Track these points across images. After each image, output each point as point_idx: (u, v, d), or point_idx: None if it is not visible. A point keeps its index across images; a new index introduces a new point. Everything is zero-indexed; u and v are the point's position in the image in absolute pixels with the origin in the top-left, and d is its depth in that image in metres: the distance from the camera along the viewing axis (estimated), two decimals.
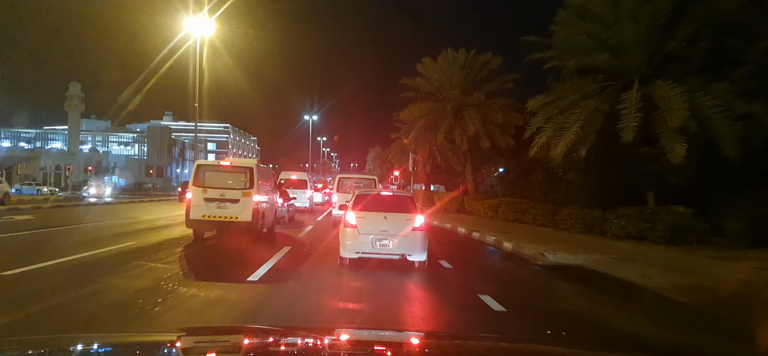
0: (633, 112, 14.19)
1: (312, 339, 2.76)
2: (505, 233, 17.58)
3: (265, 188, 14.88)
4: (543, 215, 21.20)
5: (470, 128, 28.94)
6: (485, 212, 27.44)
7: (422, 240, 9.42)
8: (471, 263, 12.52)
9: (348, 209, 9.89)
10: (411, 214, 9.55)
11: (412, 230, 9.32)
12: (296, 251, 12.42)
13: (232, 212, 13.19)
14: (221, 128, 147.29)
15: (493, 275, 10.94)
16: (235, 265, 10.39)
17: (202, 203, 13.16)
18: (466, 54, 30.63)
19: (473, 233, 18.52)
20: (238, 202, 13.25)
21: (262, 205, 13.91)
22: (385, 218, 9.43)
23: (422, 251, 9.41)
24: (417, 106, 30.68)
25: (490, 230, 19.04)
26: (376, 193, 10.98)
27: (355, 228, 9.43)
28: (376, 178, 22.30)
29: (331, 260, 10.97)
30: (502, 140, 29.43)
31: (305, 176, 30.68)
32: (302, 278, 9.22)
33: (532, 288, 9.56)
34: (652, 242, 14.33)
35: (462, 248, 15.78)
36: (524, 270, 11.55)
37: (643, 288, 8.85)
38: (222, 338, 2.81)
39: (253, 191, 13.34)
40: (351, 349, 2.65)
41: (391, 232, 9.26)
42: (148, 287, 7.65)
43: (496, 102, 29.68)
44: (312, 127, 76.59)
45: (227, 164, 13.70)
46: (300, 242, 14.69)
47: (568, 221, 19.01)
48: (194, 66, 28.01)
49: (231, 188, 13.34)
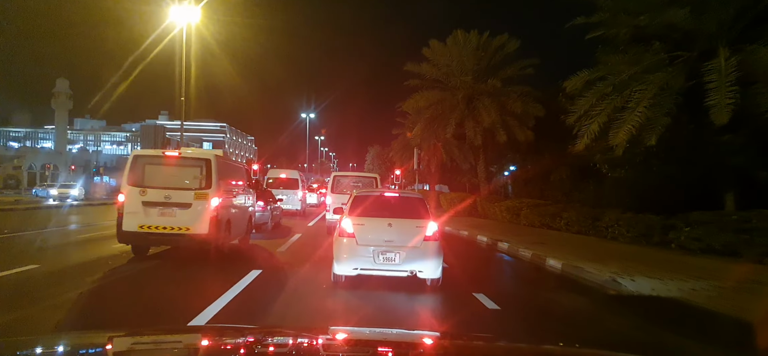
0: (725, 85, 10.52)
1: (310, 338, 2.69)
2: (542, 245, 13.92)
3: (232, 187, 11.24)
4: (579, 220, 17.55)
5: (485, 120, 25.27)
6: (503, 216, 23.78)
7: (436, 253, 7.73)
8: (520, 299, 8.72)
9: (344, 213, 8.13)
10: (422, 220, 7.86)
11: (424, 240, 7.67)
12: (269, 277, 8.79)
13: (181, 220, 9.56)
14: (217, 127, 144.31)
15: (565, 321, 7.22)
16: (166, 306, 6.83)
17: (139, 209, 9.52)
18: (478, 36, 26.94)
19: (500, 244, 14.87)
20: (189, 207, 9.62)
21: (225, 211, 10.28)
22: (390, 226, 7.74)
23: (436, 267, 7.74)
24: (423, 95, 26.97)
25: (520, 239, 15.39)
26: (379, 194, 8.97)
27: (353, 238, 7.70)
28: (377, 176, 18.66)
29: (317, 292, 7.59)
30: (521, 133, 25.78)
31: (296, 175, 27.03)
32: (271, 320, 6.06)
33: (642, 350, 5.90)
34: (750, 261, 10.66)
35: (494, 267, 12.14)
36: (606, 310, 7.92)
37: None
38: (219, 338, 2.71)
39: (211, 192, 9.70)
40: (351, 350, 2.56)
41: (398, 243, 7.60)
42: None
43: (513, 90, 26.03)
44: (309, 126, 73.59)
45: (175, 154, 10.02)
46: (278, 260, 11.05)
47: (615, 228, 15.36)
48: (181, 58, 25.23)
49: (180, 189, 9.70)
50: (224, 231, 10.23)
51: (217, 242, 9.87)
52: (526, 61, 26.48)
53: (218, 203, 9.80)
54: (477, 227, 20.12)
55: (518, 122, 25.90)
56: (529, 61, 26.46)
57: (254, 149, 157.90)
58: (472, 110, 26.49)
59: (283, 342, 2.64)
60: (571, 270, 10.39)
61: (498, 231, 18.21)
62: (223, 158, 10.77)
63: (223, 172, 10.49)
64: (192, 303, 6.44)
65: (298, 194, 26.12)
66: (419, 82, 28.05)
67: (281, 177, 26.80)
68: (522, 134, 25.82)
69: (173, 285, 8.27)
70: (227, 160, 11.33)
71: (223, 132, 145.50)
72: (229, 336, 2.80)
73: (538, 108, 25.33)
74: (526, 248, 13.29)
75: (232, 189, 11.18)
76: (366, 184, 17.73)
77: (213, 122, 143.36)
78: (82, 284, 7.74)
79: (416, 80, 28.13)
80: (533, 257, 12.40)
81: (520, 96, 25.63)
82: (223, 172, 10.41)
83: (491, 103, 25.50)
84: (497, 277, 10.35)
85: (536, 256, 12.29)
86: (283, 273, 9.57)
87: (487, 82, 25.89)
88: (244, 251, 11.98)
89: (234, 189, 11.39)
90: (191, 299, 6.90)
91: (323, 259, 10.67)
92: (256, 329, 3.30)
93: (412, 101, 27.15)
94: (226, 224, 10.34)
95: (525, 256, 12.84)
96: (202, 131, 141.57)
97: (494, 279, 9.89)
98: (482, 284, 9.24)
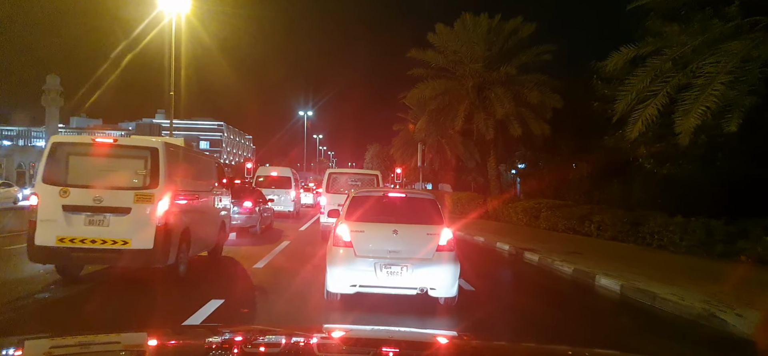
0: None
1: (305, 337, 2.65)
2: (579, 256, 11.43)
3: (193, 186, 8.71)
4: (614, 224, 15.04)
5: (498, 111, 22.76)
6: (519, 218, 21.26)
7: (451, 266, 6.47)
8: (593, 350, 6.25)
9: (340, 218, 6.91)
10: (433, 226, 6.65)
11: (437, 250, 6.46)
12: (231, 311, 6.28)
13: (116, 231, 7.05)
14: (215, 125, 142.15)
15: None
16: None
17: (58, 216, 7.00)
18: (489, 19, 24.38)
19: (527, 255, 12.36)
20: (128, 213, 7.10)
21: (180, 217, 7.76)
22: (396, 233, 6.52)
23: (452, 283, 6.51)
24: (429, 84, 24.41)
25: (548, 247, 12.88)
26: (381, 194, 7.63)
27: (350, 247, 6.49)
28: (378, 174, 16.14)
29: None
30: (537, 127, 23.28)
31: (289, 172, 24.46)
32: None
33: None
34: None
35: (531, 290, 9.59)
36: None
37: None
38: (215, 337, 2.67)
39: (158, 192, 7.18)
40: (350, 348, 2.52)
41: (405, 253, 6.41)
42: None
43: (528, 79, 23.51)
44: (308, 124, 71.58)
45: (108, 140, 7.46)
46: (251, 282, 8.53)
47: (663, 234, 12.86)
48: (170, 50, 23.50)
49: (116, 188, 7.18)
50: (179, 244, 7.71)
51: (166, 259, 7.35)
52: (542, 48, 23.95)
53: (169, 206, 7.27)
54: (493, 231, 17.60)
55: (534, 113, 23.43)
56: (545, 48, 23.94)
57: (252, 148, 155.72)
58: (483, 101, 23.98)
59: (280, 341, 2.59)
60: (637, 295, 7.88)
61: (519, 237, 15.70)
62: (179, 147, 8.24)
63: (179, 166, 7.97)
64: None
65: (290, 194, 23.58)
66: (424, 72, 25.52)
67: (272, 175, 24.24)
68: (538, 128, 23.33)
69: (84, 323, 5.76)
70: (188, 151, 8.85)
71: (221, 131, 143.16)
72: (226, 335, 2.72)
73: (556, 98, 22.82)
74: (562, 260, 10.79)
75: (193, 188, 8.65)
76: (366, 183, 15.24)
77: (210, 121, 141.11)
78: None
79: (420, 69, 25.60)
80: (576, 273, 9.89)
81: (536, 85, 23.12)
82: (177, 166, 7.88)
83: (504, 93, 23.00)
84: (541, 308, 7.81)
85: (580, 272, 9.79)
86: (252, 304, 7.08)
87: (500, 69, 23.38)
88: (210, 267, 9.45)
89: (197, 188, 8.86)
90: None
91: (312, 280, 8.21)
92: (253, 329, 3.26)
93: (417, 91, 24.60)
94: (182, 235, 7.82)
95: (564, 271, 10.32)
96: (199, 130, 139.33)
97: (538, 312, 7.36)
98: (525, 319, 6.75)
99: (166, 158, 7.34)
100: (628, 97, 10.82)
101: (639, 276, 8.86)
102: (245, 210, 15.25)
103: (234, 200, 15.91)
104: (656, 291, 7.60)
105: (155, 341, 2.50)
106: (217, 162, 10.51)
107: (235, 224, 14.89)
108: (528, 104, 23.11)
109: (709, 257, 11.30)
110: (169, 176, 7.42)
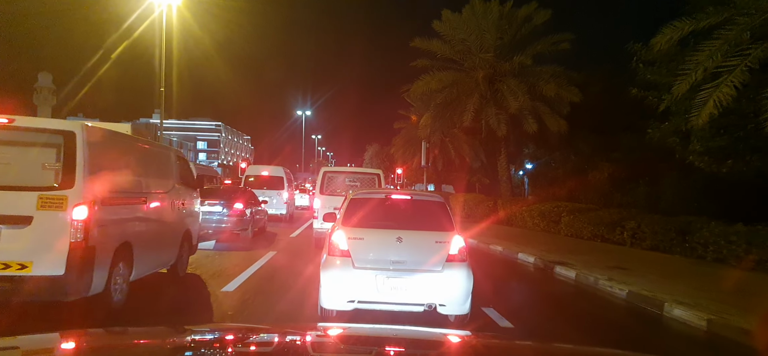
0: None
1: (301, 335, 2.58)
2: (624, 271, 9.34)
3: (137, 185, 6.57)
4: (654, 231, 12.94)
5: (511, 105, 20.65)
6: (535, 223, 19.16)
7: (464, 278, 5.66)
8: None
9: (337, 223, 6.10)
10: (443, 232, 5.87)
11: (447, 260, 5.70)
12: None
13: (8, 250, 4.95)
14: (213, 126, 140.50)
15: None
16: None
17: None
18: (500, 5, 22.24)
19: (559, 269, 10.26)
20: (27, 225, 5.00)
21: (112, 230, 5.65)
22: (400, 241, 5.73)
23: (464, 299, 5.69)
24: (435, 76, 22.26)
25: (585, 260, 10.78)
26: (384, 196, 6.62)
27: (348, 257, 5.70)
28: (380, 173, 14.00)
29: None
30: (553, 122, 21.18)
31: (281, 172, 22.32)
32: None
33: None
34: None
35: (586, 327, 7.45)
36: None
37: None
38: (210, 337, 2.60)
39: (72, 195, 5.08)
40: (347, 346, 2.46)
41: (410, 264, 5.65)
42: None
43: (544, 70, 21.40)
44: (306, 124, 70.26)
45: (2, 120, 5.36)
46: (212, 316, 6.41)
47: (721, 246, 10.75)
48: (161, 45, 22.09)
49: (9, 189, 5.08)
50: (110, 265, 5.60)
51: (87, 288, 5.23)
52: (559, 36, 21.83)
53: (90, 214, 5.16)
54: (509, 238, 15.49)
55: (550, 108, 21.33)
56: (562, 36, 21.83)
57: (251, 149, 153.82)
58: (494, 94, 21.86)
59: (277, 339, 2.51)
60: (737, 336, 5.78)
61: (542, 246, 13.59)
62: (113, 135, 6.12)
63: (111, 158, 5.85)
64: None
65: (283, 196, 21.46)
66: (428, 63, 23.37)
67: (262, 175, 22.11)
68: (554, 123, 21.23)
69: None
70: (130, 140, 6.75)
71: (219, 131, 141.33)
72: (223, 334, 2.65)
73: (574, 92, 20.72)
74: (608, 279, 8.69)
75: (138, 189, 6.53)
76: (366, 183, 13.19)
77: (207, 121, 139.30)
78: None
79: (424, 61, 23.45)
80: (633, 298, 7.78)
81: (552, 77, 21.01)
82: (108, 158, 5.76)
83: (518, 85, 20.89)
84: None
85: (638, 297, 7.68)
86: None
87: (513, 59, 21.27)
88: (161, 293, 7.31)
89: (144, 189, 6.73)
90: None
91: (294, 311, 6.17)
92: (252, 328, 3.05)
93: (422, 84, 22.42)
94: (117, 253, 5.72)
95: (615, 295, 8.21)
96: (196, 130, 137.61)
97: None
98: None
99: (86, 147, 5.22)
100: (691, 76, 8.71)
101: (722, 304, 6.77)
102: (235, 212, 13.64)
103: (223, 202, 14.01)
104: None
105: (147, 340, 2.46)
106: (178, 156, 8.35)
107: (225, 227, 13.48)
108: (543, 98, 21.03)
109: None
110: (94, 171, 5.31)
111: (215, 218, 13.80)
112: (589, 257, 11.58)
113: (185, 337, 2.49)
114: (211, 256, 10.65)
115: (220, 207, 13.90)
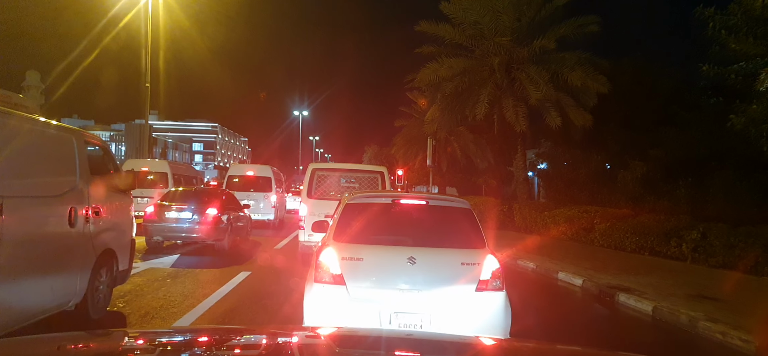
0: None
1: (297, 334, 2.53)
2: (715, 303, 6.80)
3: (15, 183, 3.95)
4: (729, 245, 10.34)
5: (532, 95, 18.03)
6: (560, 232, 16.50)
7: (501, 314, 4.35)
8: None
9: (328, 238, 4.82)
10: (471, 250, 4.56)
11: (477, 289, 4.34)
12: None
13: None
14: (209, 127, 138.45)
15: None
16: None
17: None
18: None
19: (624, 298, 7.66)
20: None
21: None
22: (412, 262, 4.39)
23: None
24: (444, 62, 19.62)
25: (652, 285, 8.19)
26: (390, 200, 5.02)
27: (341, 285, 4.39)
28: (384, 170, 11.28)
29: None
30: (578, 116, 18.56)
31: (268, 172, 19.75)
32: None
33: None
34: None
35: None
36: None
37: None
38: (207, 337, 2.50)
39: None
40: (344, 348, 2.33)
41: (427, 295, 4.34)
42: None
43: (568, 56, 18.82)
44: (303, 125, 68.94)
45: None
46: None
47: None
48: (147, 36, 21.16)
49: None
50: None
51: None
52: (584, 18, 19.19)
53: None
54: (539, 251, 12.87)
55: (574, 100, 18.73)
56: (589, 18, 19.18)
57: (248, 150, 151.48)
58: (511, 83, 19.26)
59: (270, 341, 2.41)
60: None
61: (586, 262, 10.96)
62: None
63: None
64: None
65: (270, 198, 18.92)
66: (435, 50, 20.71)
67: (247, 175, 19.56)
68: (579, 117, 18.59)
69: None
70: None
71: (215, 132, 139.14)
72: (222, 335, 2.56)
73: (602, 81, 18.07)
74: (707, 319, 6.08)
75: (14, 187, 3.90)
76: (365, 183, 10.59)
77: (204, 122, 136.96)
78: None
79: (431, 47, 20.78)
80: (754, 352, 5.19)
81: (577, 63, 18.42)
82: None
83: (539, 72, 18.29)
84: None
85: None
86: None
87: (533, 44, 18.68)
88: None
89: (16, 192, 4.10)
90: None
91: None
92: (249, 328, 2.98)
93: (429, 71, 19.75)
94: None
95: (732, 346, 5.61)
96: (193, 132, 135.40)
97: None
98: None
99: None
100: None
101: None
102: (207, 220, 11.28)
103: (193, 207, 11.51)
104: None
105: (135, 341, 2.39)
106: (89, 142, 5.70)
107: (196, 237, 11.34)
108: (567, 88, 18.44)
109: None
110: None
111: (184, 226, 11.32)
112: (652, 278, 9.00)
113: (177, 338, 2.46)
114: (162, 279, 8.04)
115: (189, 213, 11.38)
